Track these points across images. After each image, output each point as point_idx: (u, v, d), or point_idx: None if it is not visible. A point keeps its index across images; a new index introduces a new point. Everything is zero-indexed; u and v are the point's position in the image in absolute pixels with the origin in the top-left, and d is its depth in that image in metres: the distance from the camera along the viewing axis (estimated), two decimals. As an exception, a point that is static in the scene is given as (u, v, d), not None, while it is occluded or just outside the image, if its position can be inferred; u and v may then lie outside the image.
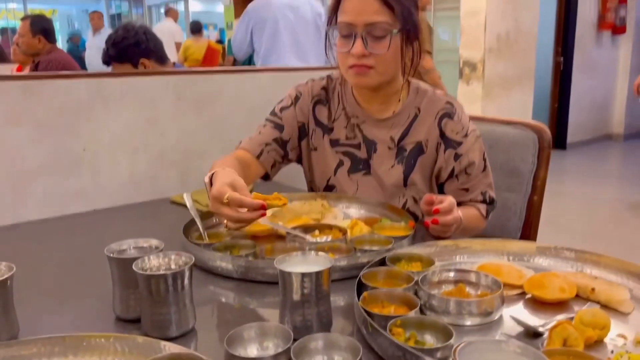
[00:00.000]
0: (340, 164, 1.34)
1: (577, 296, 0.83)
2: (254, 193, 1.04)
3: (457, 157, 1.26)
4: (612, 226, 4.07)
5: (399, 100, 1.30)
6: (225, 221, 1.04)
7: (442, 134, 1.27)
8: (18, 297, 0.76)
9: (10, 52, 4.08)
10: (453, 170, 1.27)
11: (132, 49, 2.05)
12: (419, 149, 1.28)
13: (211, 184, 1.06)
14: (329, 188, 1.36)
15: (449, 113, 1.27)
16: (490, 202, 1.30)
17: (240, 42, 2.85)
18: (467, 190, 1.28)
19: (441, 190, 1.32)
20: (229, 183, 1.00)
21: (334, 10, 1.20)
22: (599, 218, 4.27)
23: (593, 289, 0.82)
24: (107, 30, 5.95)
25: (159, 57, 2.16)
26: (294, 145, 1.38)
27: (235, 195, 0.96)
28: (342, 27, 1.17)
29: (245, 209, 0.98)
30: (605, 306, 0.80)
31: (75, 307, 0.87)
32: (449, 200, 1.06)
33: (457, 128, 1.26)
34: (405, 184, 1.29)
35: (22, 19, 3.43)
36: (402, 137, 1.29)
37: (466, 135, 1.26)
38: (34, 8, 12.56)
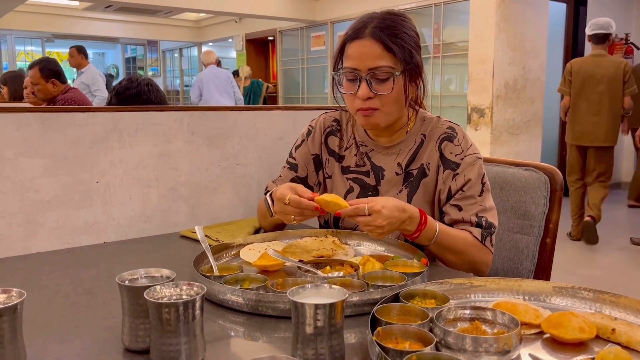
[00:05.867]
0: (350, 190, 1.37)
1: (597, 337, 0.81)
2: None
3: (454, 177, 1.28)
4: (622, 272, 4.01)
5: (407, 132, 1.34)
6: (292, 216, 1.18)
7: (442, 156, 1.30)
8: (26, 326, 0.74)
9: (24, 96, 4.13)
10: (450, 189, 1.28)
11: (134, 99, 2.12)
12: (422, 172, 1.31)
13: (272, 199, 1.24)
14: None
15: (449, 137, 1.30)
16: (487, 227, 1.25)
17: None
18: (460, 208, 1.27)
19: (442, 213, 1.31)
20: (290, 187, 1.19)
21: (339, 56, 1.27)
22: (609, 264, 4.21)
23: (613, 330, 0.80)
24: (90, 70, 5.36)
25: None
26: (314, 179, 1.43)
27: (294, 197, 1.15)
28: (347, 71, 1.24)
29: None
30: (626, 347, 0.78)
31: (83, 337, 0.86)
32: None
33: (456, 150, 1.29)
34: None
35: (30, 67, 3.49)
36: (409, 162, 1.32)
37: (464, 157, 1.28)
38: (52, 50, 12.91)
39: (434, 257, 1.35)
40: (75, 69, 5.58)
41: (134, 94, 2.13)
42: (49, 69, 3.43)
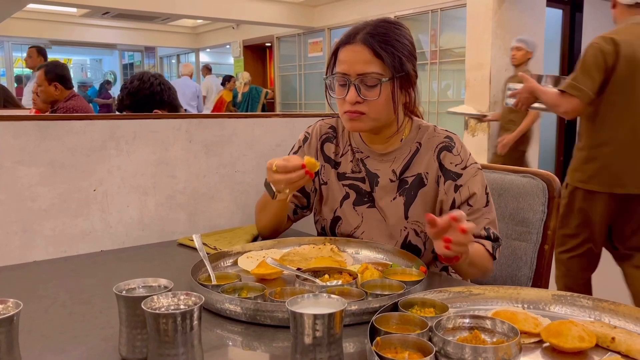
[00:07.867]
0: (346, 196, 1.38)
1: (597, 345, 0.80)
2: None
3: (457, 188, 1.27)
4: (621, 277, 4.00)
5: (401, 140, 1.34)
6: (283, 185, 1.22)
7: (441, 166, 1.29)
8: (22, 336, 0.74)
9: (26, 99, 4.12)
10: (454, 201, 1.27)
11: (147, 100, 2.10)
12: (420, 182, 1.31)
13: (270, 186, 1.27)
14: (336, 220, 1.39)
15: (447, 146, 1.30)
16: (495, 239, 1.27)
17: None
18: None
19: None
20: (280, 158, 1.22)
21: (332, 61, 1.28)
22: (607, 269, 4.20)
23: (613, 339, 0.79)
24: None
25: (173, 107, 2.22)
26: (310, 185, 1.44)
27: (280, 162, 1.19)
28: (338, 76, 1.25)
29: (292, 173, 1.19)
30: (626, 356, 0.77)
31: (80, 347, 0.85)
32: (460, 213, 0.98)
33: (456, 160, 1.28)
34: (406, 217, 1.30)
35: (38, 68, 3.52)
36: (404, 170, 1.32)
37: (465, 167, 1.28)
38: (50, 57, 12.90)
39: (433, 264, 1.35)
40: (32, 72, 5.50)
41: (147, 94, 2.11)
42: (53, 72, 3.43)
